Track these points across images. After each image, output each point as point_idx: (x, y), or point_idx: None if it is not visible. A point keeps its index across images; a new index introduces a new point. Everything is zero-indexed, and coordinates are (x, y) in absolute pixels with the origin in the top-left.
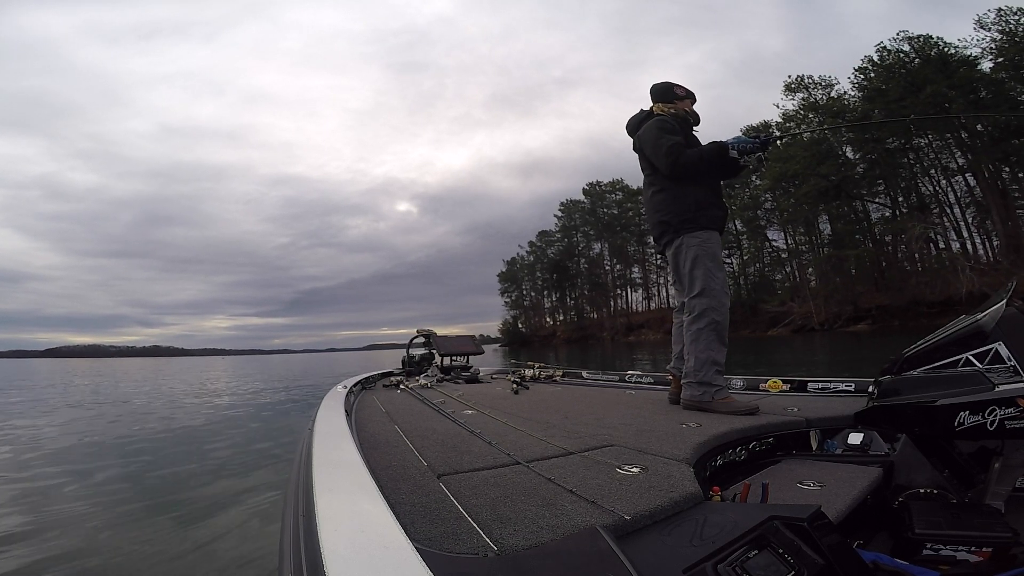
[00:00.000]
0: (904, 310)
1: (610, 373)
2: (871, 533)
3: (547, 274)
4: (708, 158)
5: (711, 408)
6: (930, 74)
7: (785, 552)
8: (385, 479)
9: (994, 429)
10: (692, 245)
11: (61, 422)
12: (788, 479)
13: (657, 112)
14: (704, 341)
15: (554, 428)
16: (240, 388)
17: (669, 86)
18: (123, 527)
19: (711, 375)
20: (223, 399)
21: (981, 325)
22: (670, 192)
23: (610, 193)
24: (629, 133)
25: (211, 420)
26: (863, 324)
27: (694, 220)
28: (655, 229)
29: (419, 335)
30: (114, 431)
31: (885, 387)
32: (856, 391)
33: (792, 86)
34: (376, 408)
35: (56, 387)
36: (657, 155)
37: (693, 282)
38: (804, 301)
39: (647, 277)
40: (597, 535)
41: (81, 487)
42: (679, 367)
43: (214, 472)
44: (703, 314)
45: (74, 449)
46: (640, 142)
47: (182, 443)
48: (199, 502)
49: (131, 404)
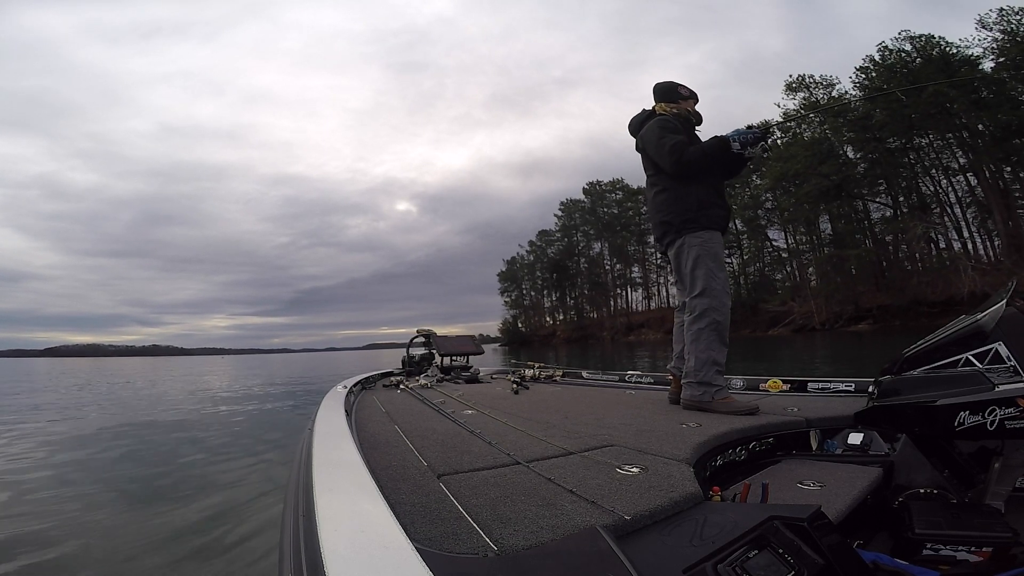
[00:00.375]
0: (905, 310)
1: (610, 373)
2: (871, 533)
3: (547, 273)
4: (711, 153)
5: (711, 408)
6: (931, 74)
7: (785, 552)
8: (385, 479)
9: (994, 429)
10: (694, 245)
11: (60, 420)
12: (788, 479)
13: (660, 112)
14: (705, 341)
15: (554, 428)
16: (240, 387)
17: (673, 86)
18: (121, 528)
19: (711, 375)
20: (223, 398)
21: (981, 325)
22: (672, 192)
23: (610, 192)
24: (631, 133)
25: (210, 420)
26: (864, 324)
27: (696, 220)
28: (657, 229)
29: (419, 335)
30: (111, 432)
31: (885, 387)
32: (856, 391)
33: (793, 85)
34: (376, 408)
35: (56, 389)
36: (660, 154)
37: (694, 282)
38: (805, 301)
39: (647, 277)
40: (597, 535)
41: (78, 488)
42: (679, 367)
43: (214, 472)
44: (704, 314)
45: (66, 447)
46: (643, 141)
47: (181, 443)
48: (199, 502)
49: (132, 404)
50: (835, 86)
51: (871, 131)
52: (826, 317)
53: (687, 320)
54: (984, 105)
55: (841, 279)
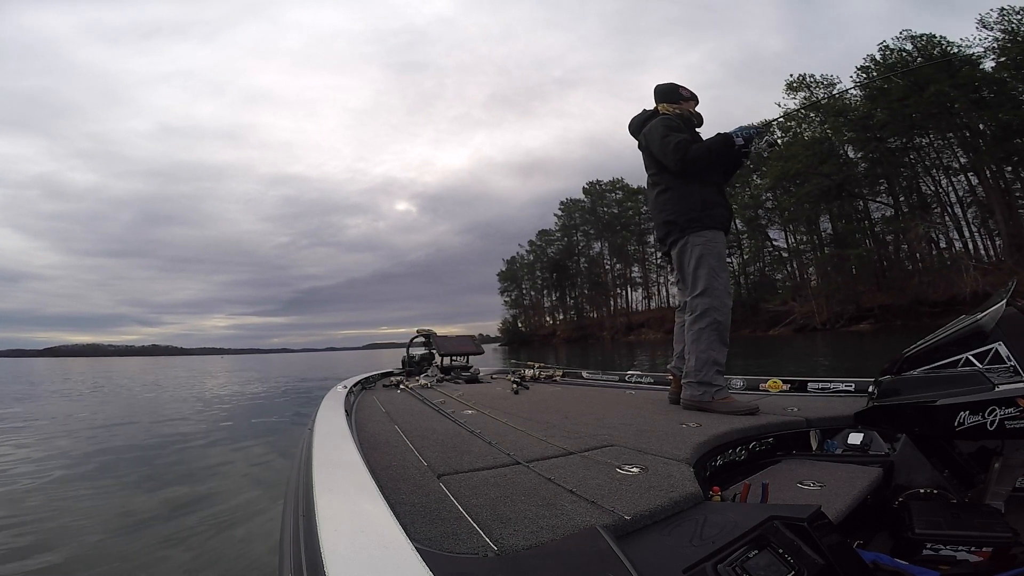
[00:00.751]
0: (906, 310)
1: (610, 373)
2: (871, 533)
3: (547, 273)
4: (716, 149)
5: (711, 408)
6: (932, 73)
7: (785, 552)
8: (385, 479)
9: (994, 429)
10: (697, 244)
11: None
12: (788, 479)
13: (662, 112)
14: (706, 341)
15: (554, 428)
16: (241, 387)
17: (674, 87)
18: (121, 529)
19: (712, 375)
20: (222, 397)
21: (981, 325)
22: (676, 191)
23: (610, 192)
24: (632, 133)
25: (210, 421)
26: (865, 324)
27: (700, 219)
28: (660, 229)
29: (419, 335)
30: (108, 433)
31: (885, 387)
32: (856, 391)
33: (794, 85)
34: (376, 408)
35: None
36: (665, 152)
37: (696, 281)
38: (805, 301)
39: (647, 276)
40: (597, 535)
41: (75, 489)
42: (680, 367)
43: (214, 473)
44: (705, 313)
45: (67, 449)
46: (646, 140)
47: (180, 444)
48: (198, 502)
49: (135, 404)
50: (836, 85)
51: (872, 131)
52: (827, 317)
53: (688, 320)
54: (985, 105)
55: (842, 279)
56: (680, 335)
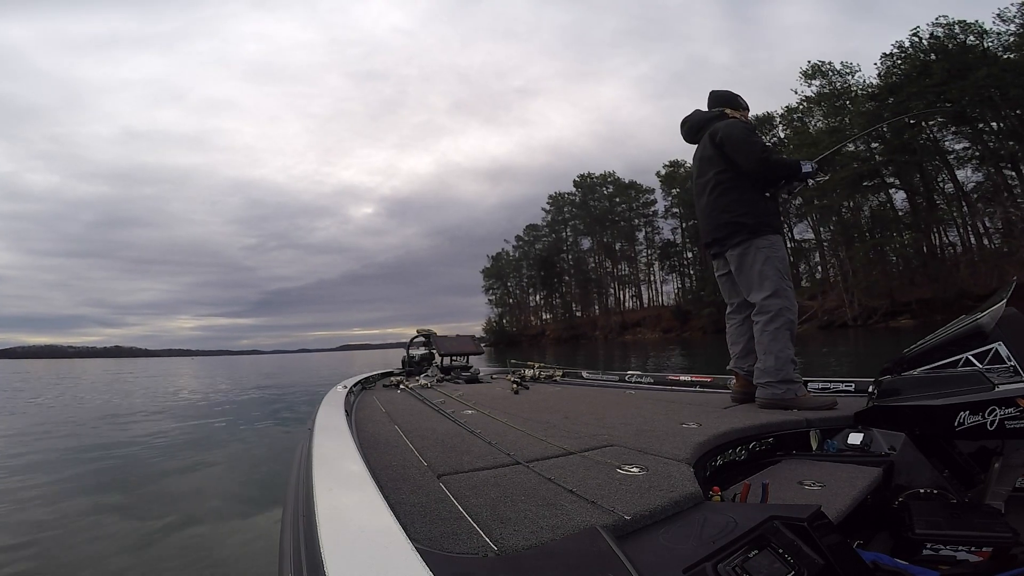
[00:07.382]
0: (950, 303)
1: (610, 373)
2: (871, 533)
3: (533, 270)
4: (791, 165)
5: (793, 405)
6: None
7: (785, 552)
8: (385, 479)
9: (994, 429)
10: (763, 247)
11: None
12: (788, 479)
13: (731, 115)
14: (782, 340)
15: (554, 428)
16: (229, 389)
17: (735, 95)
18: (120, 530)
19: (792, 373)
20: (210, 398)
21: (981, 325)
22: (746, 194)
23: (601, 186)
24: (687, 129)
25: (208, 421)
26: (904, 319)
27: (769, 224)
28: (722, 229)
29: (419, 335)
30: (104, 435)
31: (885, 387)
32: (856, 391)
33: (809, 73)
34: (376, 408)
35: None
36: (752, 151)
37: (764, 283)
38: (829, 295)
39: (637, 276)
40: (597, 535)
41: (73, 491)
42: (741, 366)
43: (213, 473)
44: (779, 314)
45: (52, 455)
46: (723, 137)
47: (179, 445)
48: (198, 503)
49: (117, 406)
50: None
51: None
52: (858, 312)
53: (761, 320)
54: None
55: (876, 271)
56: (736, 336)
